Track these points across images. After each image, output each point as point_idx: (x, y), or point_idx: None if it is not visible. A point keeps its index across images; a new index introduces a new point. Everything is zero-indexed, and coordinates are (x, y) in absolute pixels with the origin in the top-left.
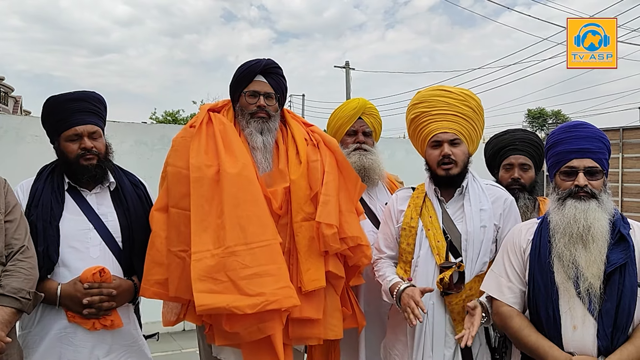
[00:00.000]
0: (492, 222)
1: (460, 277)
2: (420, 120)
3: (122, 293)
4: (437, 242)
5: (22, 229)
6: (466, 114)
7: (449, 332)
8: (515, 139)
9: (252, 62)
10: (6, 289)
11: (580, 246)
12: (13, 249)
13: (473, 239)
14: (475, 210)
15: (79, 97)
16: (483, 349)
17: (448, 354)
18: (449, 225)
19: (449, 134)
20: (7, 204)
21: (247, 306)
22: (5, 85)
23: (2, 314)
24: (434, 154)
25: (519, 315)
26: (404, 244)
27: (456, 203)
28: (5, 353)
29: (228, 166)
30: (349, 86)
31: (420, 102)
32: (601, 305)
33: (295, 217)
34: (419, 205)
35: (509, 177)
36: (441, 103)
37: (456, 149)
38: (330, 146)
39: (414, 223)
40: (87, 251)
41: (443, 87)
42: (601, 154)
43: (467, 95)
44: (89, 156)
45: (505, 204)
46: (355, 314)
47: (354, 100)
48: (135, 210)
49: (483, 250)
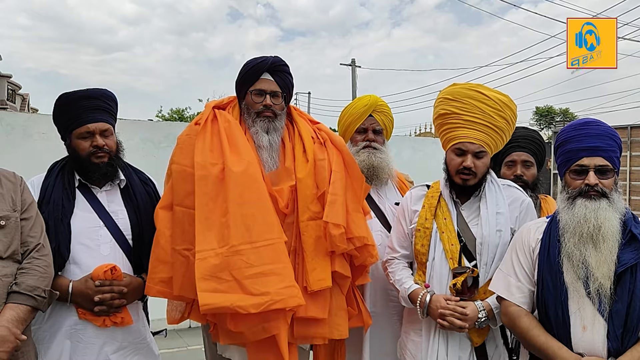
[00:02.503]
0: (509, 226)
1: (474, 281)
2: (448, 120)
3: (132, 290)
4: (450, 245)
5: (38, 226)
6: (498, 125)
7: (463, 336)
8: (517, 136)
9: (258, 60)
10: (22, 286)
11: (590, 246)
12: (29, 247)
13: (488, 243)
14: (492, 213)
15: (91, 94)
16: (500, 350)
17: (463, 356)
18: (463, 228)
19: (476, 145)
20: (23, 201)
21: (251, 305)
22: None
23: (17, 312)
24: (455, 160)
25: (528, 315)
26: (419, 245)
27: (472, 205)
28: (21, 350)
29: (233, 164)
30: (355, 84)
31: (454, 99)
32: (611, 305)
33: (302, 216)
34: (434, 205)
35: (511, 174)
36: (475, 108)
37: (479, 161)
38: (337, 145)
39: (429, 224)
40: (97, 248)
41: (480, 89)
42: (612, 152)
43: (504, 104)
44: (100, 154)
45: (522, 206)
46: (361, 313)
47: (365, 97)
48: (145, 207)
49: (499, 255)
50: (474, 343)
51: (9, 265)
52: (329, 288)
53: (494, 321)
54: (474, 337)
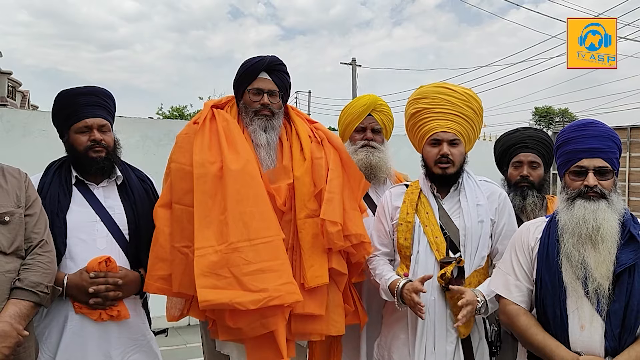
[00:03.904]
0: (489, 217)
1: (459, 272)
2: (421, 117)
3: (128, 283)
4: (435, 237)
5: (41, 223)
6: (467, 115)
7: (450, 327)
8: (525, 136)
9: (256, 59)
10: (25, 282)
11: (589, 246)
12: (32, 243)
13: (471, 234)
14: (472, 205)
15: (90, 91)
16: (483, 343)
17: (450, 349)
18: (445, 221)
19: (450, 134)
20: (27, 198)
21: (250, 302)
22: (13, 80)
23: (20, 308)
24: (432, 152)
25: (526, 314)
26: (402, 239)
27: (452, 199)
28: (23, 346)
29: (231, 162)
30: (355, 83)
31: (423, 97)
32: (609, 305)
33: (299, 214)
34: (414, 200)
35: (518, 175)
36: (444, 101)
37: (454, 149)
38: (334, 143)
39: (411, 218)
40: (93, 243)
41: (446, 85)
42: (612, 153)
43: (469, 96)
44: (97, 148)
45: (499, 198)
46: (357, 310)
47: (364, 96)
48: (142, 204)
49: (481, 245)
50: (461, 335)
51: (13, 261)
52: (326, 285)
53: (486, 309)
54: (462, 328)
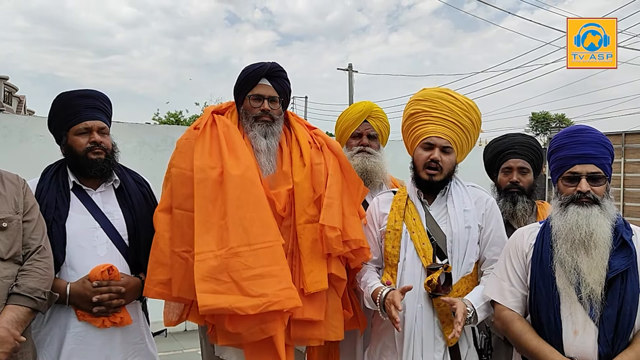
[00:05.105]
0: (476, 223)
1: (447, 278)
2: (418, 118)
3: (130, 290)
4: (422, 244)
5: (39, 229)
6: (464, 125)
7: (438, 335)
8: (514, 142)
9: (256, 66)
10: (22, 288)
11: (582, 252)
12: (30, 249)
13: (458, 239)
14: (459, 211)
15: (88, 94)
16: (471, 351)
17: (438, 357)
18: (433, 227)
19: (443, 140)
20: (25, 204)
21: (249, 307)
22: (10, 85)
23: (17, 313)
24: (423, 155)
25: (520, 320)
26: (389, 247)
27: (439, 205)
28: (20, 352)
29: (231, 168)
30: (352, 89)
31: (424, 99)
32: (602, 311)
33: (299, 219)
34: (402, 207)
35: (507, 181)
36: (444, 107)
37: (445, 157)
38: (333, 149)
39: (399, 226)
40: (94, 250)
41: (449, 92)
42: (604, 159)
43: (470, 107)
44: (97, 150)
45: (487, 204)
46: (357, 315)
47: (360, 103)
48: (140, 207)
49: (469, 251)
50: (449, 343)
51: (10, 267)
52: (326, 290)
53: (475, 318)
54: (449, 335)
